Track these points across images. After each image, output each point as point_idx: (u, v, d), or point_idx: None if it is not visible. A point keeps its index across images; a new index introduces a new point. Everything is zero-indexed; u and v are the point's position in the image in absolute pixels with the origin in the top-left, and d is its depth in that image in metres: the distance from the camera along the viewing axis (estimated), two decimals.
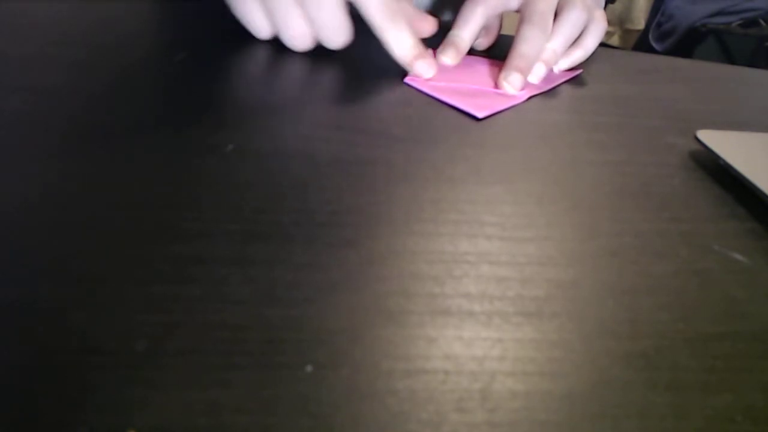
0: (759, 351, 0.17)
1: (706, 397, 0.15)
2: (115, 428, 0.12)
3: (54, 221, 0.18)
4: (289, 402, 0.13)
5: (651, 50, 2.12)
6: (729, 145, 0.28)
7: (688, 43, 2.06)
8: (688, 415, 0.14)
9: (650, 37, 2.19)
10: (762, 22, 1.93)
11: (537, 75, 0.38)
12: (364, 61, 0.36)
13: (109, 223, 0.18)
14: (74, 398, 0.12)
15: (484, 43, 0.43)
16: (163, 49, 0.34)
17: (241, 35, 0.37)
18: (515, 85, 0.35)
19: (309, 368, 0.14)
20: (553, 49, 0.39)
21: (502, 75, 0.35)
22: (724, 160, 0.26)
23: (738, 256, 0.21)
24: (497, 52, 0.41)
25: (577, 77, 0.39)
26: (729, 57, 2.01)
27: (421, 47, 0.35)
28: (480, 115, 0.31)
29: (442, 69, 0.36)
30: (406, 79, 0.34)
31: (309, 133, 0.26)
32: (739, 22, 1.97)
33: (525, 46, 0.37)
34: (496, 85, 0.36)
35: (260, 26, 0.36)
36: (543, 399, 0.14)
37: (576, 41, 0.41)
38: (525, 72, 0.36)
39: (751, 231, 0.23)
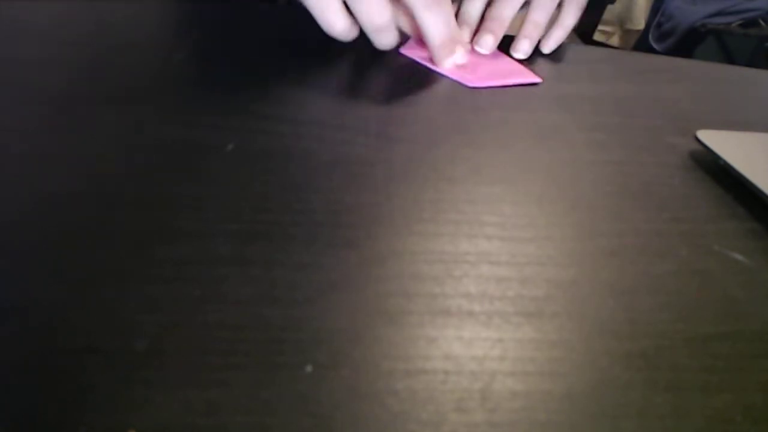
0: (759, 351, 0.16)
1: (706, 397, 0.15)
2: (115, 428, 0.12)
3: (54, 221, 0.18)
4: (289, 402, 0.13)
5: (651, 50, 2.12)
6: (729, 145, 0.28)
7: (688, 43, 2.06)
8: (688, 415, 0.14)
9: (650, 37, 2.19)
10: (762, 22, 1.93)
11: (523, 51, 0.39)
12: (363, 61, 0.36)
13: (109, 223, 0.18)
14: (74, 398, 0.12)
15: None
16: (164, 49, 0.34)
17: (241, 36, 0.37)
18: (487, 46, 0.37)
19: (309, 368, 0.14)
20: (535, 21, 0.40)
21: (476, 38, 0.37)
22: (724, 160, 0.26)
23: (738, 256, 0.21)
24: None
25: (536, 84, 0.37)
26: (729, 57, 2.01)
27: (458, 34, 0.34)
28: (470, 84, 0.33)
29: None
30: (402, 50, 0.35)
31: (309, 133, 0.26)
32: (739, 22, 1.97)
33: (502, 8, 0.38)
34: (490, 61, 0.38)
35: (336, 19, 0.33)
36: (543, 399, 0.14)
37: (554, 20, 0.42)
38: (497, 34, 0.38)
39: (751, 231, 0.23)
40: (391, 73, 0.35)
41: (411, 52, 0.36)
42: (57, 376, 0.13)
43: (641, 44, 2.23)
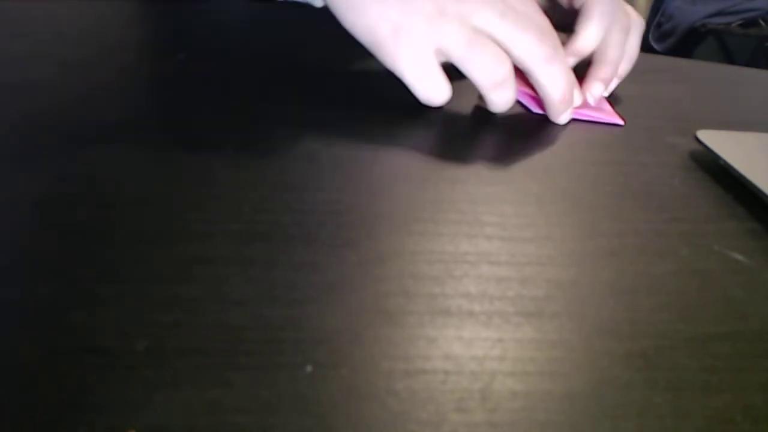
0: (759, 351, 0.16)
1: (706, 397, 0.15)
2: (115, 428, 0.12)
3: (54, 221, 0.18)
4: (289, 402, 0.13)
5: (651, 50, 2.13)
6: (729, 145, 0.28)
7: (688, 43, 2.06)
8: (688, 415, 0.14)
9: (650, 37, 2.19)
10: (762, 22, 1.94)
11: (596, 97, 0.36)
12: (365, 61, 0.36)
13: (108, 224, 0.18)
14: (74, 398, 0.12)
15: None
16: (164, 49, 0.34)
17: (240, 36, 0.37)
18: (597, 96, 0.34)
19: (309, 368, 0.14)
20: (611, 60, 0.36)
21: (584, 86, 0.34)
22: (724, 160, 0.26)
23: (738, 256, 0.21)
24: None
25: (619, 126, 0.33)
26: (729, 57, 2.01)
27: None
28: (536, 110, 0.33)
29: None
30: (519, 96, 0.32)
31: (309, 134, 0.26)
32: (739, 22, 1.97)
33: (611, 52, 0.35)
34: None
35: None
36: (543, 399, 0.14)
37: None
38: (607, 82, 0.35)
39: (751, 231, 0.23)
40: (391, 74, 0.35)
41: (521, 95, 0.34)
42: (57, 376, 0.13)
43: (641, 44, 2.23)
